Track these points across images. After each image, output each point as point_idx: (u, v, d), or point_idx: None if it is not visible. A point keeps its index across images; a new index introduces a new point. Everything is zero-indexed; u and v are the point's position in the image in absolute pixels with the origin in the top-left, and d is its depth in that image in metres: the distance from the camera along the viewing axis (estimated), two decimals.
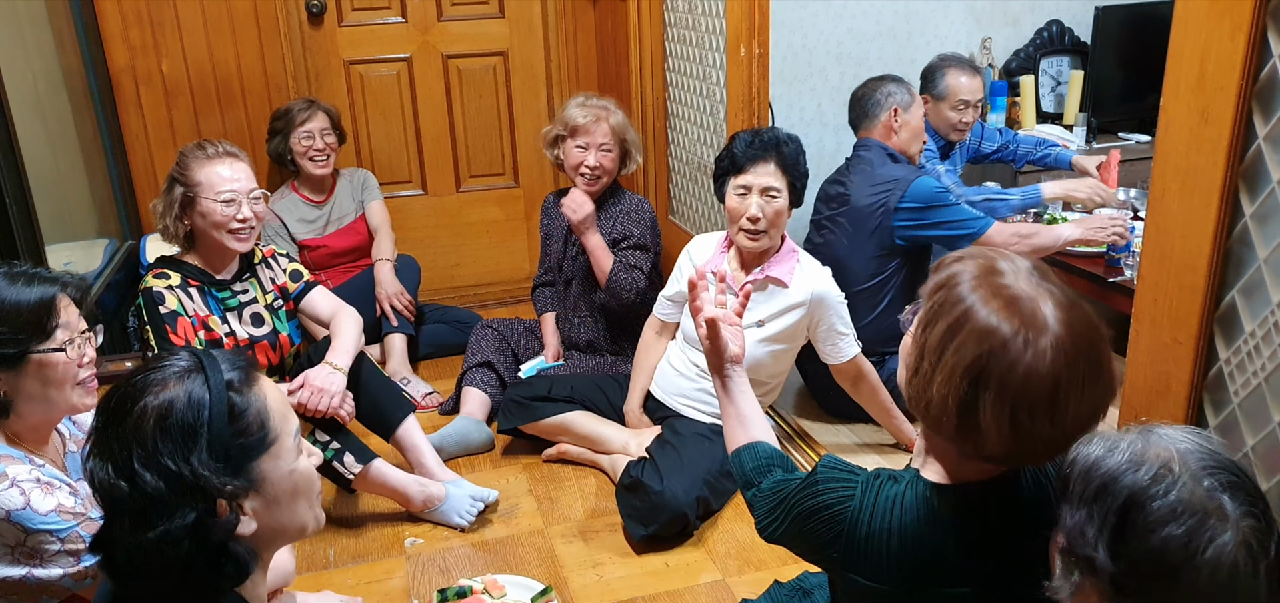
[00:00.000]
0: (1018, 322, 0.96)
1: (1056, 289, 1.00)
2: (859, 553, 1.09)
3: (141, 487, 0.95)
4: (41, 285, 1.41)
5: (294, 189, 3.05)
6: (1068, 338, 0.96)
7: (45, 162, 2.46)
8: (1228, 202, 1.20)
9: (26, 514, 1.32)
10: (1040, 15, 3.41)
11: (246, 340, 2.16)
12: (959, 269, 1.02)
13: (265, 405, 1.04)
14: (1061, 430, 0.97)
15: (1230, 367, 1.25)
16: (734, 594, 1.96)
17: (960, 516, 1.08)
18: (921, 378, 1.02)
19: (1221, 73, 1.17)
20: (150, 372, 1.01)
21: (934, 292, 1.03)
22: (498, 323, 2.88)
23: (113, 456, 0.97)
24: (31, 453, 1.41)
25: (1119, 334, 3.26)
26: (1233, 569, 0.85)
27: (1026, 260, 1.04)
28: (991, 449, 1.00)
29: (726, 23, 2.50)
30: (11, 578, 1.33)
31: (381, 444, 2.34)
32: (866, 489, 1.11)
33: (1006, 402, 0.96)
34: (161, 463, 0.96)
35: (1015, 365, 0.95)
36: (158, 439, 0.96)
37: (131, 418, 0.97)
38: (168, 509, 0.95)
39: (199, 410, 0.98)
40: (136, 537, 0.96)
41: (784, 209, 2.15)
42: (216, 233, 2.06)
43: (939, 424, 1.02)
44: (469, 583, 1.90)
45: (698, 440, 2.22)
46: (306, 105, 2.96)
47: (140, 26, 2.95)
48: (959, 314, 0.98)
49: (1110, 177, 2.79)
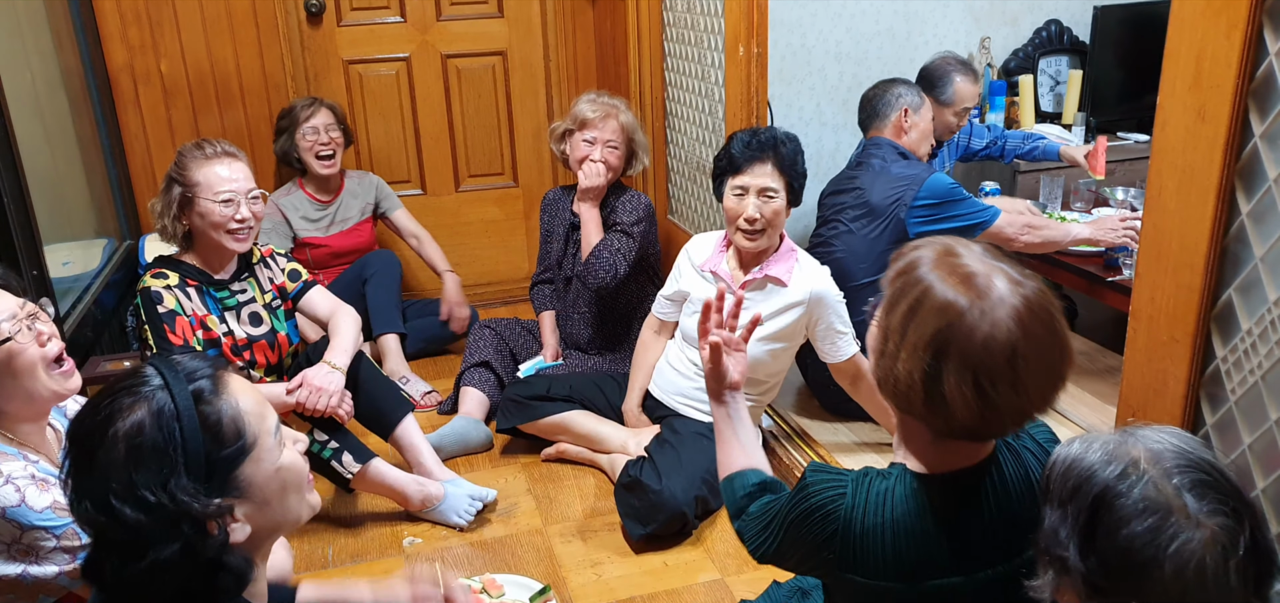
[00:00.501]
0: (974, 295, 1.01)
1: (1008, 266, 1.05)
2: (855, 550, 1.10)
3: (122, 521, 0.91)
4: None
5: (301, 186, 3.05)
6: (1022, 307, 1.01)
7: (43, 161, 2.46)
8: (1224, 200, 1.20)
9: (22, 511, 1.32)
10: (1039, 15, 3.41)
11: (244, 340, 2.16)
12: (917, 255, 1.07)
13: (238, 410, 0.99)
14: (1024, 397, 1.02)
15: (1227, 365, 1.25)
16: (732, 594, 1.96)
17: (950, 505, 1.10)
18: (888, 358, 1.07)
19: (1218, 71, 1.17)
20: (114, 396, 0.96)
21: (895, 278, 1.08)
22: (495, 323, 2.88)
23: (88, 492, 0.93)
24: (26, 450, 1.41)
25: (1116, 333, 3.24)
26: (1200, 567, 0.84)
27: (980, 244, 1.09)
28: (960, 421, 1.03)
29: (725, 22, 2.50)
30: (8, 576, 1.33)
31: (380, 444, 2.34)
32: (857, 487, 1.13)
33: (969, 370, 1.00)
34: (139, 496, 0.91)
35: (973, 334, 1.00)
36: (131, 471, 0.91)
37: (103, 449, 0.93)
38: (153, 540, 0.91)
39: (170, 432, 0.93)
40: (125, 569, 0.92)
41: (781, 209, 2.15)
42: (215, 233, 2.06)
43: (909, 402, 1.06)
44: (467, 582, 1.90)
45: (696, 440, 2.22)
46: (310, 102, 2.97)
47: (139, 26, 2.95)
48: (918, 294, 1.04)
49: (1098, 162, 2.79)
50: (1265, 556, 0.87)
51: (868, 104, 2.58)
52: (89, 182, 2.86)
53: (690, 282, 2.34)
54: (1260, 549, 0.87)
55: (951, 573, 1.09)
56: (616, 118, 2.62)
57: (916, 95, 2.53)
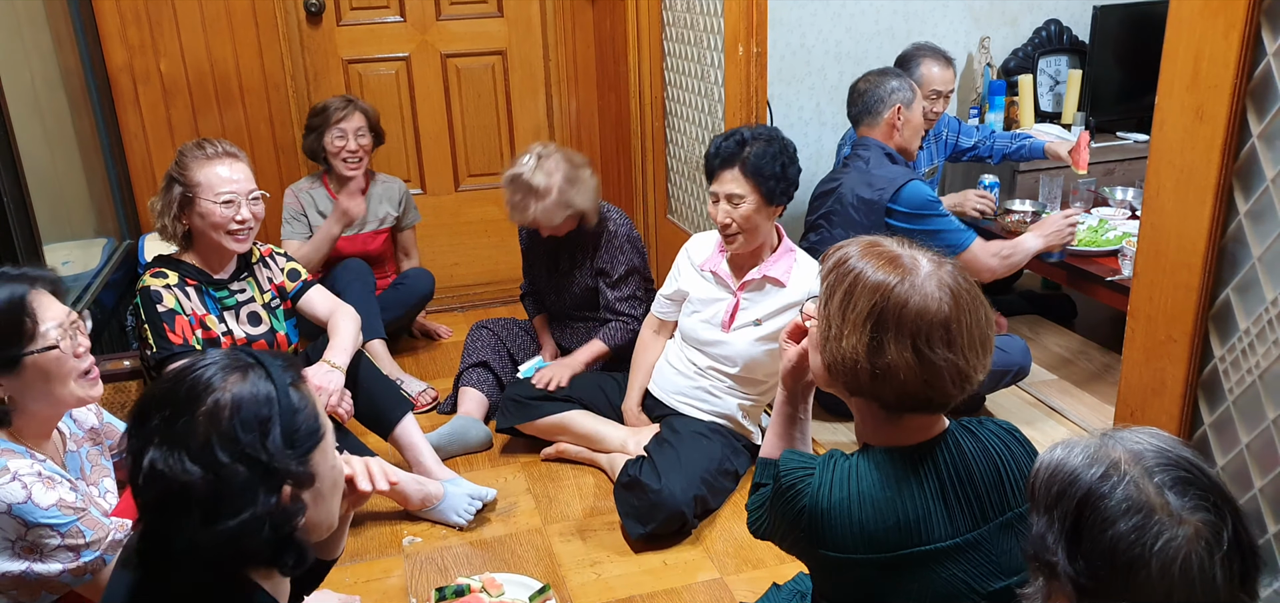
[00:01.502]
0: (902, 272, 1.13)
1: (927, 250, 1.17)
2: (823, 525, 1.17)
3: (223, 473, 0.96)
4: (8, 285, 1.38)
5: (325, 182, 3.00)
6: (946, 275, 1.13)
7: (43, 161, 2.46)
8: (1222, 200, 1.20)
9: (28, 508, 1.32)
10: (1038, 14, 3.41)
11: (244, 340, 2.16)
12: (845, 250, 1.19)
13: (313, 402, 1.07)
14: (960, 355, 1.12)
15: (1225, 365, 1.26)
16: (731, 592, 1.97)
17: (910, 474, 1.17)
18: (832, 341, 1.16)
19: (1216, 71, 1.18)
20: (205, 369, 1.01)
21: (828, 272, 1.19)
22: (493, 323, 2.88)
23: (186, 444, 0.96)
24: (33, 450, 1.41)
25: (1113, 333, 3.25)
26: (1186, 564, 0.85)
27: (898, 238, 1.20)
28: (907, 387, 1.12)
29: (724, 22, 2.50)
30: (11, 573, 1.33)
31: (379, 443, 2.34)
32: (823, 468, 1.21)
33: (906, 335, 1.11)
34: (241, 448, 0.97)
35: (907, 303, 1.11)
36: (236, 427, 0.97)
37: (204, 407, 0.97)
38: (250, 495, 0.97)
39: (268, 401, 1.00)
40: (209, 528, 0.96)
41: (752, 213, 2.13)
42: (214, 233, 2.06)
43: (857, 380, 1.15)
44: (467, 581, 1.91)
45: (696, 439, 2.23)
46: (344, 104, 2.90)
47: (138, 25, 2.95)
48: (851, 280, 1.15)
49: (1080, 157, 2.80)
50: (1249, 551, 0.88)
51: (859, 98, 2.53)
52: (88, 181, 2.87)
53: (690, 281, 2.34)
54: (1243, 545, 0.87)
55: (918, 542, 1.15)
56: (537, 204, 2.44)
57: (908, 89, 2.50)
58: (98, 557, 1.39)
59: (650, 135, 3.13)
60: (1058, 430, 2.51)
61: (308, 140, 2.96)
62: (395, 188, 3.12)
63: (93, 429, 1.65)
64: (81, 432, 1.62)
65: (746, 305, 2.25)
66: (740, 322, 2.25)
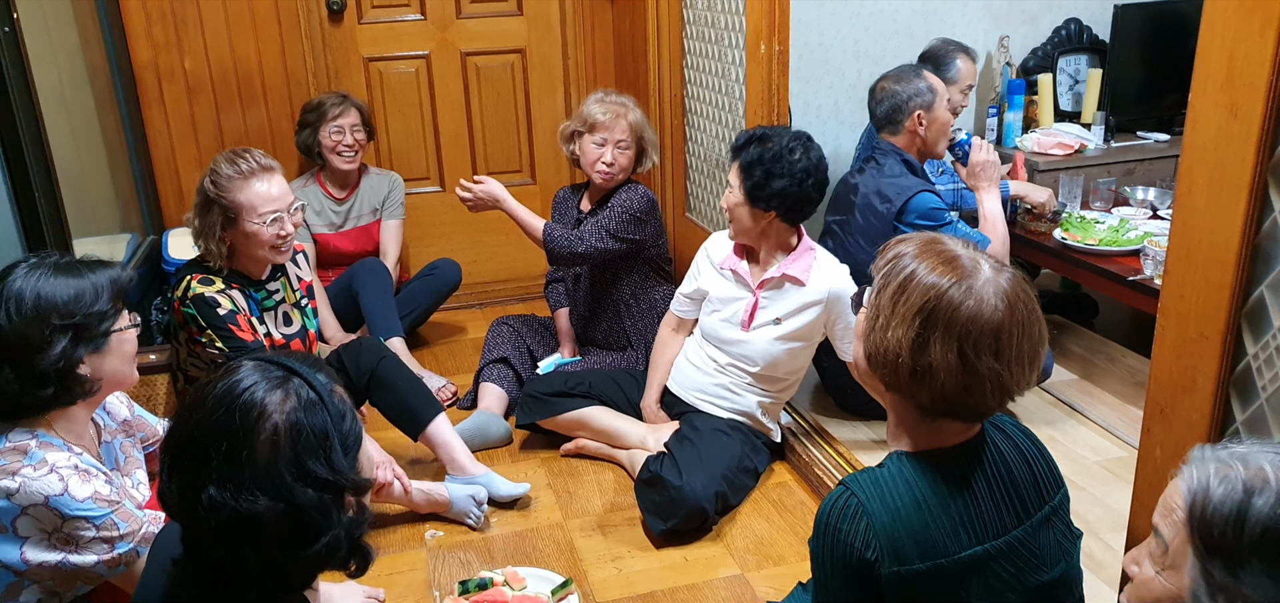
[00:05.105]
0: (959, 274, 1.11)
1: (990, 256, 1.16)
2: (887, 539, 1.10)
3: (299, 502, 0.94)
4: (103, 269, 1.44)
5: (319, 180, 3.06)
6: (1006, 284, 1.11)
7: (70, 157, 2.48)
8: (1257, 197, 1.20)
9: (64, 500, 1.34)
10: (1058, 13, 3.40)
11: (281, 341, 2.18)
12: (902, 248, 1.17)
13: (348, 401, 1.06)
14: (1006, 367, 1.10)
15: (1258, 362, 1.25)
16: (752, 588, 1.97)
17: (955, 475, 1.15)
18: (877, 331, 1.14)
19: (1251, 69, 1.17)
20: (249, 391, 0.96)
21: (884, 265, 1.17)
22: (513, 319, 2.90)
23: (253, 478, 0.93)
24: (71, 442, 1.43)
25: (1135, 332, 3.22)
26: None
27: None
28: (944, 391, 1.10)
29: (747, 20, 2.50)
30: (48, 563, 1.35)
31: (393, 443, 2.35)
32: (857, 485, 1.15)
33: (954, 338, 1.08)
34: (310, 473, 0.95)
35: (960, 306, 1.09)
36: (302, 453, 0.95)
37: (263, 437, 0.94)
38: (326, 517, 0.96)
39: (322, 418, 0.98)
40: (290, 554, 0.95)
41: (735, 204, 2.20)
42: (260, 250, 2.07)
43: (896, 374, 1.13)
44: (489, 575, 1.92)
45: (716, 436, 2.23)
46: (339, 100, 2.97)
47: (164, 24, 2.98)
48: (906, 276, 1.13)
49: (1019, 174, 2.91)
50: None
51: (881, 101, 2.48)
52: (114, 177, 2.90)
53: (709, 280, 2.35)
54: None
55: (973, 543, 1.13)
56: (626, 117, 2.62)
57: (929, 92, 2.43)
58: (131, 549, 1.41)
59: (669, 133, 3.14)
60: (1079, 431, 2.50)
61: (301, 136, 3.01)
62: (387, 180, 3.15)
63: (125, 422, 1.67)
64: (114, 424, 1.64)
65: (766, 304, 2.26)
66: (760, 320, 2.26)
